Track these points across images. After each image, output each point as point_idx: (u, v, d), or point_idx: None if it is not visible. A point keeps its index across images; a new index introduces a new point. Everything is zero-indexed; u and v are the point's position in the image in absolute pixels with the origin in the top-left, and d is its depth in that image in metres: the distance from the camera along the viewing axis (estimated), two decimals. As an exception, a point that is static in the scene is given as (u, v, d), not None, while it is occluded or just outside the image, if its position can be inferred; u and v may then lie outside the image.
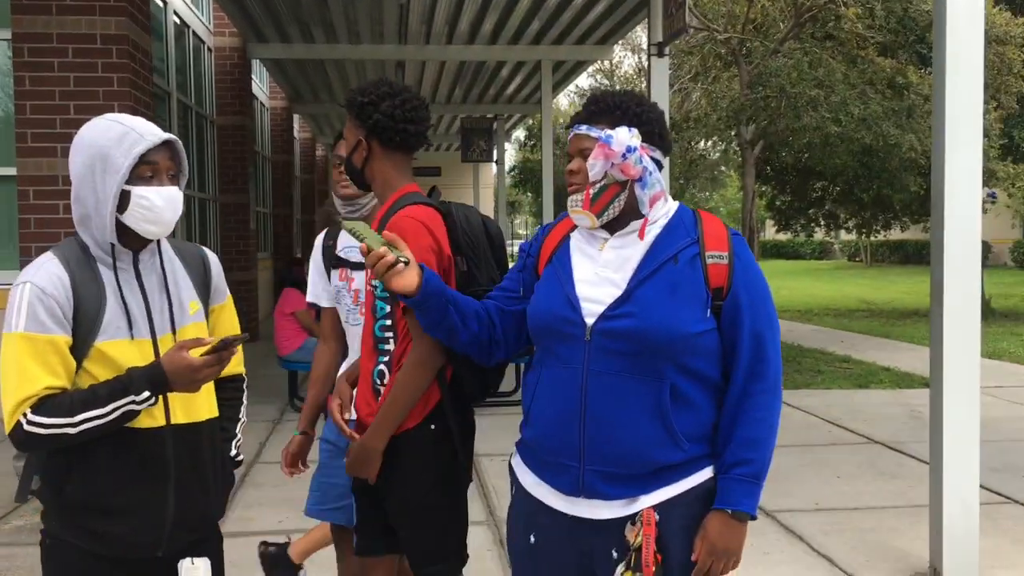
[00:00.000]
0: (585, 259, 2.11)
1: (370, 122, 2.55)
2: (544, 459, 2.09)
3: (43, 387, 1.88)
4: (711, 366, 2.03)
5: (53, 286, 1.93)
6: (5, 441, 6.07)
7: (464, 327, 2.18)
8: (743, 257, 2.06)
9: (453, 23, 11.62)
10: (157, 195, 1.98)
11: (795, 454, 6.51)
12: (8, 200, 7.59)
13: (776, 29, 11.99)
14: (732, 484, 1.99)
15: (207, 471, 2.13)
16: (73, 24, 6.97)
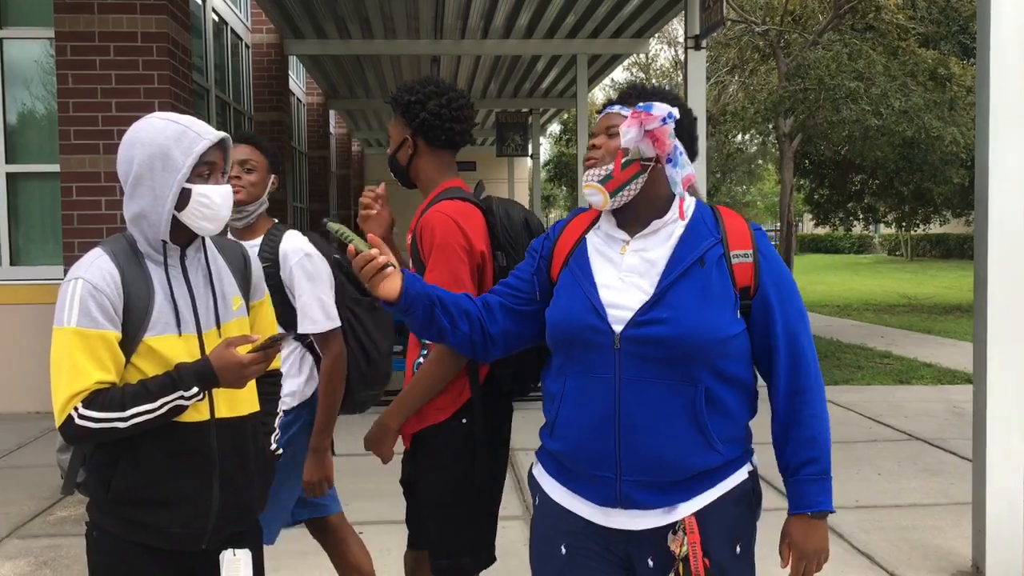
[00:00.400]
0: (606, 263, 2.04)
1: (416, 121, 2.57)
2: (576, 471, 2.04)
3: (94, 382, 1.91)
4: (743, 368, 2.00)
5: (104, 282, 1.96)
6: (48, 434, 6.22)
7: (454, 328, 2.13)
8: (767, 254, 2.02)
9: (489, 18, 11.61)
10: (216, 193, 2.02)
11: (834, 451, 6.33)
12: (52, 196, 7.72)
13: (815, 20, 11.83)
14: (805, 486, 1.99)
15: (249, 464, 2.15)
16: (114, 23, 7.06)
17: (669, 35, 20.76)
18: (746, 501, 2.03)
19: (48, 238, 7.89)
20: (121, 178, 2.03)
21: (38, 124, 7.92)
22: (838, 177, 15.30)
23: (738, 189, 30.81)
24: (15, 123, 7.88)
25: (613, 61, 14.62)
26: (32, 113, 7.94)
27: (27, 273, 7.80)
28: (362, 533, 4.67)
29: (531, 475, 2.19)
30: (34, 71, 7.88)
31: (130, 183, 2.00)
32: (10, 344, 7.65)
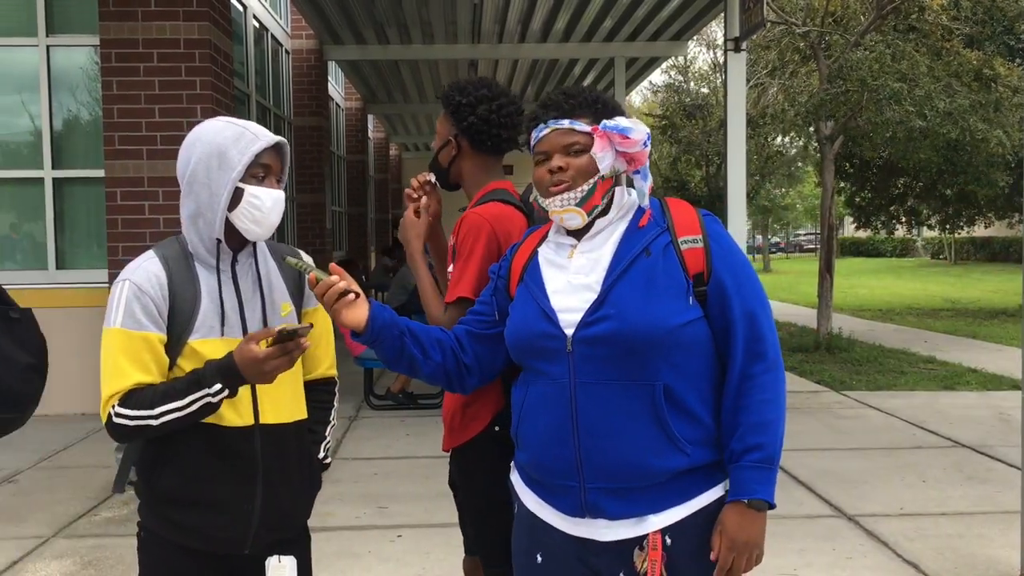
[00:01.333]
0: (555, 270, 2.01)
1: (464, 123, 2.55)
2: (543, 481, 1.99)
3: (132, 383, 1.94)
4: (703, 360, 1.92)
5: (150, 284, 1.98)
6: (97, 434, 6.32)
7: (426, 359, 2.08)
8: (718, 237, 1.96)
9: (526, 22, 11.61)
10: (268, 196, 2.03)
11: (877, 457, 6.34)
12: (96, 201, 7.84)
13: (856, 21, 11.68)
14: (744, 472, 1.87)
15: (294, 472, 2.15)
16: (158, 30, 7.17)
17: (708, 37, 20.64)
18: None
19: (93, 242, 8.02)
20: (179, 176, 2.05)
21: (83, 130, 8.06)
22: (880, 180, 15.09)
23: (777, 192, 30.48)
24: (61, 129, 8.02)
25: (651, 64, 14.56)
26: (77, 119, 8.08)
27: (72, 277, 7.93)
28: (400, 536, 4.71)
29: (510, 482, 2.17)
30: (79, 78, 8.02)
31: (187, 180, 2.03)
32: (56, 347, 7.73)
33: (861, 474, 5.90)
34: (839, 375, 9.77)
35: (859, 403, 8.36)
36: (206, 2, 7.18)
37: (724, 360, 1.95)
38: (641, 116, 26.42)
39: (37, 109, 7.95)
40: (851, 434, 7.08)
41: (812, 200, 35.40)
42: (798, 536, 4.70)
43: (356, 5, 10.80)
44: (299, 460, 2.18)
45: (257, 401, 2.07)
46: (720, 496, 1.94)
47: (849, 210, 17.31)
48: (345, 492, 5.43)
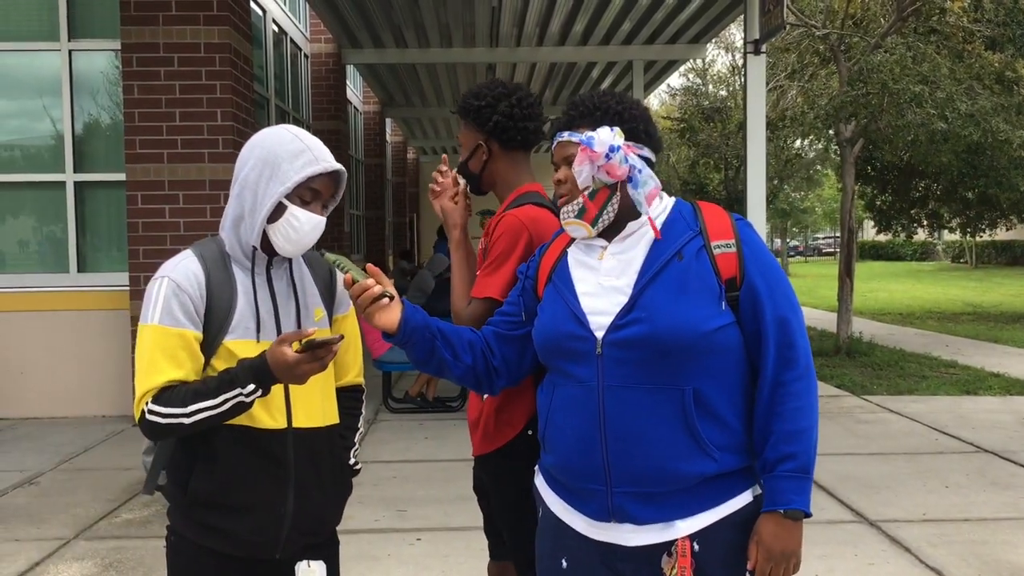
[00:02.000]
0: (586, 271, 2.00)
1: (490, 124, 2.55)
2: (569, 485, 1.98)
3: (166, 379, 1.94)
4: (734, 365, 1.91)
5: (188, 282, 1.99)
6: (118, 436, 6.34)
7: (456, 361, 2.10)
8: (752, 242, 1.95)
9: (544, 25, 11.62)
10: (308, 220, 2.03)
11: (899, 462, 6.29)
12: (117, 205, 7.90)
13: (877, 24, 11.61)
14: (780, 482, 1.86)
15: (326, 476, 2.15)
16: (179, 34, 7.21)
17: (727, 40, 20.56)
18: (749, 528, 1.91)
19: (113, 246, 8.07)
20: (234, 176, 2.06)
21: (104, 134, 8.11)
22: (901, 183, 14.99)
23: (796, 195, 30.33)
24: (83, 133, 8.07)
25: (669, 66, 14.54)
26: (99, 123, 8.13)
27: (93, 280, 7.98)
28: (419, 540, 4.70)
29: (534, 486, 2.15)
30: (101, 82, 8.07)
31: (239, 182, 2.04)
32: (77, 349, 7.83)
33: (883, 479, 5.85)
34: (860, 379, 9.70)
35: (880, 408, 8.30)
36: (226, 6, 7.22)
37: (755, 366, 1.94)
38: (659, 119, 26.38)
39: (59, 113, 8.01)
40: (872, 439, 7.02)
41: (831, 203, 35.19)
42: (820, 541, 4.66)
43: (374, 9, 10.83)
44: (331, 464, 2.19)
45: (290, 404, 2.08)
46: (749, 502, 1.93)
47: (869, 213, 17.20)
48: (364, 495, 5.43)
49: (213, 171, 7.29)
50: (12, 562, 4.47)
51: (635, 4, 10.70)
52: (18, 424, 7.63)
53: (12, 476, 5.99)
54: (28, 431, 7.32)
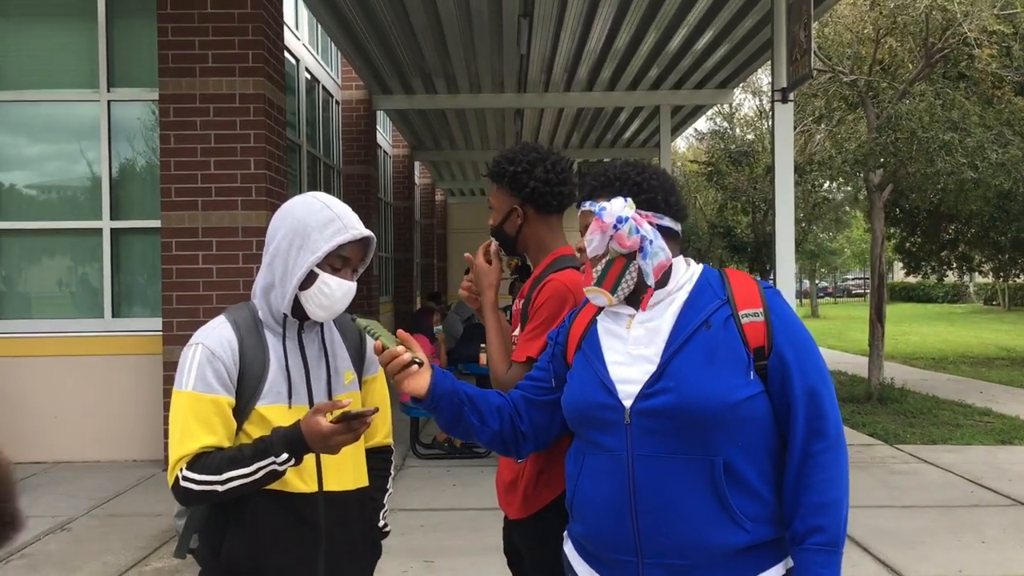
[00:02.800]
0: (614, 339, 2.01)
1: (526, 190, 2.57)
2: (599, 555, 1.97)
3: (200, 445, 1.97)
4: (764, 434, 1.90)
5: (223, 349, 2.03)
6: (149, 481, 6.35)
7: (483, 426, 2.11)
8: (780, 311, 1.95)
9: (572, 71, 11.74)
10: (339, 287, 2.08)
11: (933, 515, 6.19)
12: (152, 251, 8.02)
13: (905, 70, 11.61)
14: (809, 555, 1.84)
15: (356, 539, 2.17)
16: (215, 85, 7.36)
17: (754, 84, 20.63)
18: None
19: (147, 291, 8.18)
20: (266, 244, 2.12)
21: (141, 181, 8.26)
22: (931, 225, 14.89)
23: (824, 236, 30.17)
24: (119, 180, 8.23)
25: (697, 111, 14.62)
26: (135, 171, 8.29)
27: (127, 325, 8.09)
28: (449, 593, 4.67)
29: (563, 552, 2.14)
30: (138, 131, 8.24)
31: (270, 252, 2.09)
32: (109, 393, 7.92)
33: (917, 533, 5.75)
34: (892, 427, 9.57)
35: (913, 457, 8.18)
36: (261, 58, 7.37)
37: (784, 435, 1.93)
38: (686, 162, 26.42)
39: (97, 161, 8.18)
40: (906, 490, 6.92)
41: (860, 244, 34.96)
42: (853, 599, 4.59)
43: (405, 56, 11.00)
44: (361, 528, 2.20)
45: (321, 468, 2.10)
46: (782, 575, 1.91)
47: (899, 255, 17.08)
48: (391, 545, 5.39)
49: (246, 218, 7.40)
50: (44, 611, 4.49)
51: (663, 51, 10.79)
52: (51, 468, 7.70)
53: (44, 522, 6.04)
54: (61, 475, 7.39)
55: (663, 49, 10.72)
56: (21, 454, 7.92)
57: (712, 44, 10.58)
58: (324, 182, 12.62)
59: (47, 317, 8.12)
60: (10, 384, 7.97)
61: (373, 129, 13.82)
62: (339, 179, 13.46)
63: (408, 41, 10.32)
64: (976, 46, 10.17)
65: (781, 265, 7.57)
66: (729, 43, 10.54)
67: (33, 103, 8.25)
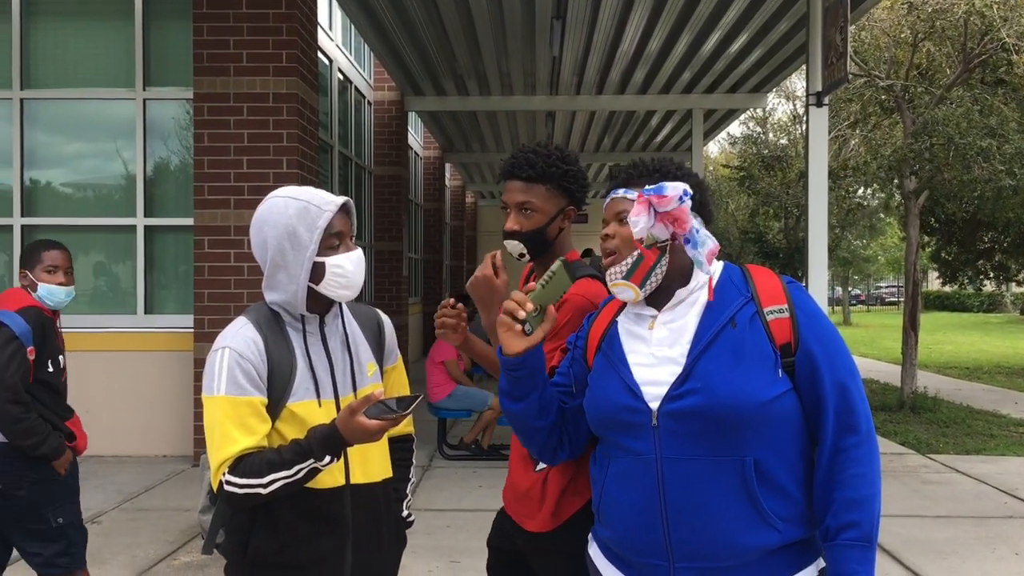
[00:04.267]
0: (637, 341, 1.97)
1: (581, 192, 2.52)
2: (628, 559, 1.93)
3: (241, 449, 1.96)
4: (793, 432, 1.87)
5: (249, 350, 2.02)
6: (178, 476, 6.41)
7: (540, 415, 2.06)
8: (805, 306, 1.91)
9: (604, 73, 11.71)
10: (348, 261, 2.07)
11: (966, 526, 6.08)
12: (185, 248, 8.10)
13: (942, 75, 11.47)
14: (842, 551, 1.79)
15: (382, 530, 2.17)
16: (248, 84, 7.42)
17: (787, 88, 20.48)
18: None
19: (180, 288, 8.26)
20: (259, 261, 2.10)
21: (174, 179, 8.34)
22: (967, 234, 14.69)
23: (858, 243, 29.86)
24: (154, 178, 8.32)
25: (729, 115, 14.52)
26: (169, 169, 8.38)
27: (159, 321, 8.17)
28: (474, 594, 4.66)
29: (588, 555, 2.11)
30: (172, 129, 8.33)
31: (269, 267, 2.07)
32: (141, 389, 8.00)
33: (950, 544, 5.66)
34: (925, 437, 9.44)
35: (946, 467, 8.05)
36: (295, 58, 7.42)
37: (814, 433, 1.90)
38: (718, 166, 26.27)
39: (132, 159, 8.27)
40: (938, 501, 6.81)
41: (894, 251, 34.58)
42: (883, 609, 4.52)
43: (438, 58, 11.03)
44: (387, 518, 2.20)
45: (348, 462, 2.10)
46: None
47: (934, 264, 16.86)
48: (417, 544, 5.42)
49: (277, 217, 7.43)
50: (73, 602, 4.53)
51: (696, 54, 10.74)
52: (83, 462, 7.78)
53: (75, 514, 6.10)
54: (92, 469, 7.47)
55: (696, 52, 10.66)
56: (54, 447, 8.01)
57: (746, 48, 10.51)
58: (355, 182, 12.68)
59: (81, 313, 8.21)
60: (44, 378, 8.07)
61: (404, 130, 13.86)
62: (370, 180, 13.52)
63: (440, 42, 10.35)
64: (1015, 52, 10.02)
65: (814, 271, 7.50)
66: (763, 47, 10.46)
67: (70, 101, 8.36)
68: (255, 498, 1.96)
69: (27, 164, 8.37)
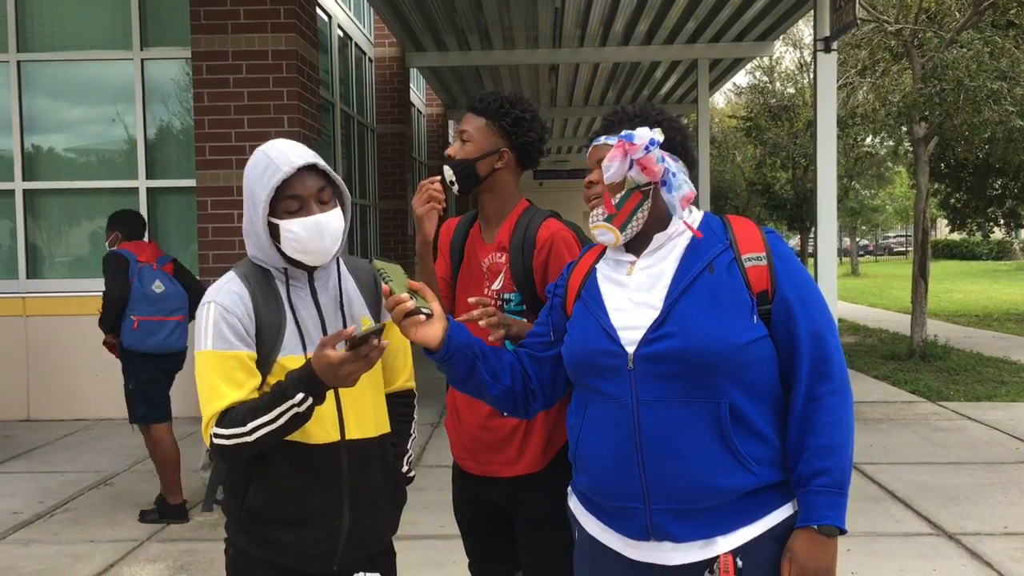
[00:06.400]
0: (615, 287, 1.97)
1: (521, 139, 2.51)
2: (605, 505, 1.94)
3: (228, 402, 1.94)
4: (768, 377, 1.88)
5: (234, 304, 1.99)
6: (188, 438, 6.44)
7: (495, 382, 2.05)
8: (782, 255, 1.92)
9: (608, 25, 11.52)
10: (301, 227, 1.99)
11: (978, 472, 6.08)
12: (188, 210, 8.05)
13: (952, 18, 11.26)
14: (813, 497, 1.82)
15: (379, 486, 2.15)
16: (247, 42, 7.31)
17: (794, 36, 20.18)
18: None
19: (184, 250, 8.22)
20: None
21: (175, 140, 8.28)
22: (976, 180, 14.54)
23: (866, 193, 29.63)
24: (155, 140, 8.25)
25: (735, 65, 14.32)
26: (170, 130, 8.30)
27: (165, 283, 8.14)
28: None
29: (568, 507, 2.11)
30: (172, 90, 8.24)
31: (245, 220, 2.06)
32: (149, 351, 7.98)
33: (961, 490, 5.65)
34: (935, 385, 9.42)
35: (957, 414, 8.04)
36: (293, 14, 7.30)
37: (787, 379, 1.90)
38: (724, 117, 26.01)
39: (132, 121, 8.19)
40: (950, 447, 6.80)
41: (903, 201, 34.34)
42: (896, 555, 4.52)
43: (438, 12, 10.86)
44: (384, 474, 2.18)
45: (343, 417, 2.07)
46: (789, 515, 1.89)
47: (943, 212, 16.72)
48: (429, 500, 5.43)
49: (280, 176, 7.37)
50: (87, 563, 4.57)
51: (700, 2, 10.54)
52: (93, 425, 7.82)
53: (88, 477, 6.14)
54: (103, 432, 7.50)
55: (701, 0, 10.47)
56: (63, 412, 8.06)
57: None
58: (358, 141, 12.58)
59: (86, 276, 8.19)
60: (52, 343, 8.09)
61: (407, 87, 13.72)
62: (373, 138, 13.41)
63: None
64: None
65: (822, 222, 7.43)
66: (770, -8, 10.27)
67: (67, 63, 8.27)
68: (243, 449, 1.94)
69: (27, 128, 8.30)
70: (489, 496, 2.57)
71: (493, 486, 2.55)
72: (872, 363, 10.97)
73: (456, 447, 2.64)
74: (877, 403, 8.55)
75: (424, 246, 2.55)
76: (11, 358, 8.11)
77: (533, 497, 2.48)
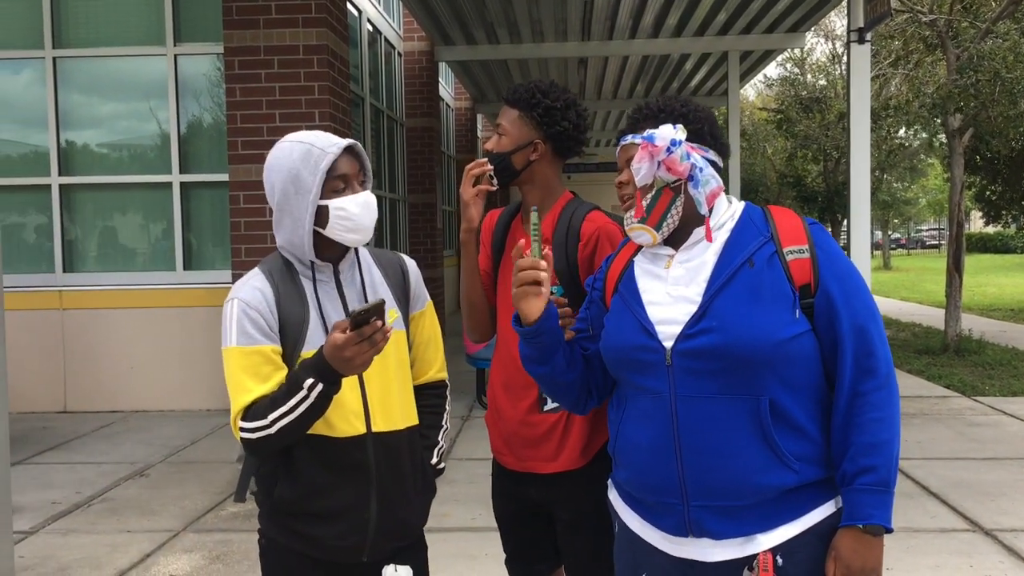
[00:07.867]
0: (653, 280, 1.95)
1: (556, 128, 2.48)
2: (644, 500, 1.93)
3: (254, 397, 1.96)
4: (811, 373, 1.83)
5: (257, 300, 2.01)
6: (222, 430, 6.53)
7: (568, 370, 2.03)
8: (826, 247, 1.87)
9: (637, 17, 11.46)
10: (353, 203, 2.03)
11: (1014, 468, 6.00)
12: (221, 204, 8.12)
13: (988, 8, 11.10)
14: (859, 496, 1.78)
15: (407, 478, 2.15)
16: (278, 36, 7.35)
17: (826, 27, 19.96)
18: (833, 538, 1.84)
19: (217, 244, 8.30)
20: (270, 204, 2.08)
21: (208, 135, 8.35)
22: (1012, 173, 14.34)
23: (899, 186, 29.30)
24: (187, 135, 8.32)
25: (766, 56, 14.19)
26: (202, 125, 8.37)
27: (198, 277, 8.23)
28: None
29: (608, 501, 2.10)
30: (204, 85, 8.31)
31: (276, 208, 2.05)
32: (183, 344, 8.09)
33: (998, 486, 5.59)
34: (970, 379, 9.30)
35: (993, 409, 7.94)
36: (324, 8, 7.33)
37: (832, 375, 1.86)
38: (755, 109, 25.81)
39: (166, 116, 8.28)
40: (985, 443, 6.72)
41: (935, 193, 33.94)
42: (932, 551, 4.48)
43: (467, 6, 10.86)
44: (412, 466, 2.18)
45: (369, 409, 2.08)
46: (831, 513, 1.85)
47: (978, 204, 16.50)
48: (460, 493, 5.45)
49: (311, 171, 7.41)
50: (125, 552, 4.63)
51: (731, -6, 10.47)
52: (129, 417, 7.93)
53: (123, 468, 6.22)
54: (138, 424, 7.60)
55: (732, -9, 10.40)
56: (99, 404, 8.17)
57: (784, -15, 10.23)
58: (388, 135, 12.62)
59: (121, 270, 8.29)
60: (87, 336, 8.20)
61: (435, 81, 13.73)
62: (402, 132, 13.44)
63: (470, -11, 10.18)
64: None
65: (856, 215, 7.35)
66: (801, -17, 10.17)
67: (102, 59, 8.36)
68: (268, 442, 1.95)
69: (62, 124, 8.40)
70: (527, 493, 2.55)
71: (531, 483, 2.53)
72: (906, 358, 10.85)
73: (495, 442, 2.63)
74: (911, 398, 8.47)
75: (468, 233, 2.53)
76: (48, 351, 8.24)
77: (571, 494, 2.46)
